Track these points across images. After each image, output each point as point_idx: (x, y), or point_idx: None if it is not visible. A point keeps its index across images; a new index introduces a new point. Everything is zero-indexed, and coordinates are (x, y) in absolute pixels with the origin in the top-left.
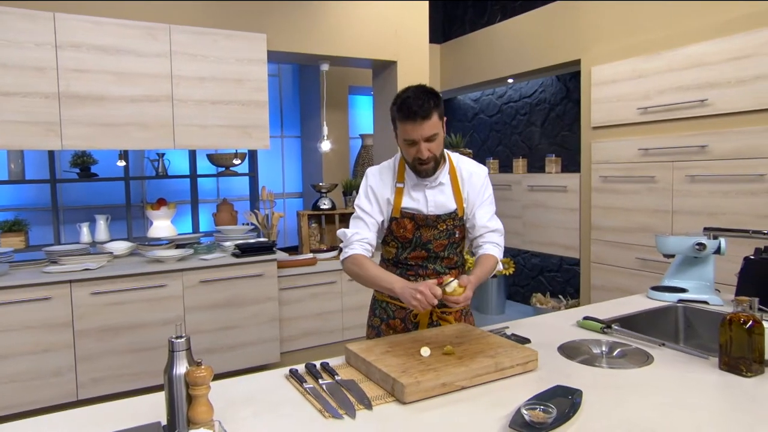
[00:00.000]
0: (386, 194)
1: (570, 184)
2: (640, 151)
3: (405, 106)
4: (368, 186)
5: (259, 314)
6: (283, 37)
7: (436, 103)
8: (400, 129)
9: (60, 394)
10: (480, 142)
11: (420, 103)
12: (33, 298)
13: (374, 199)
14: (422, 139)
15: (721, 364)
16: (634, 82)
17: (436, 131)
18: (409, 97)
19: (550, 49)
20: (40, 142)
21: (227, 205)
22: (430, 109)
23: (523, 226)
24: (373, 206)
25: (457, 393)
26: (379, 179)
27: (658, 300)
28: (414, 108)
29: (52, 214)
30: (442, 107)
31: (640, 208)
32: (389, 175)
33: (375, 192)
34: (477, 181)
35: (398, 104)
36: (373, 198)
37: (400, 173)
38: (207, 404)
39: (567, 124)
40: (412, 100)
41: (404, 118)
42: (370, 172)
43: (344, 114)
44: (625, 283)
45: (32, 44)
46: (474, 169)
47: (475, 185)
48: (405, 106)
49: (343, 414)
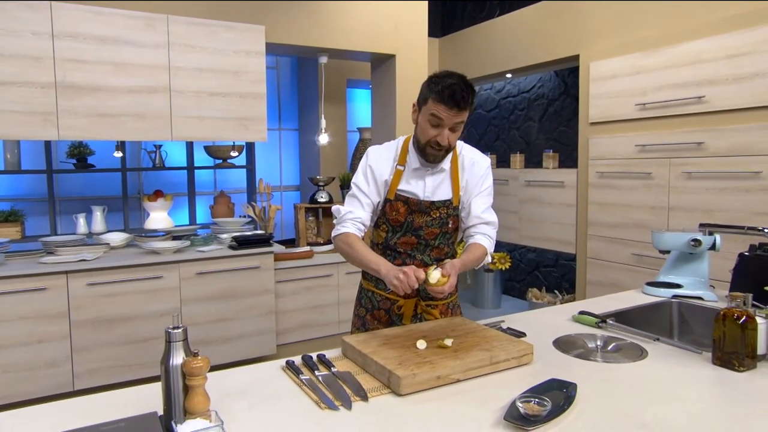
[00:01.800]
0: (384, 176)
1: (567, 180)
2: (637, 147)
3: (449, 91)
4: (368, 165)
5: (255, 306)
6: (282, 30)
7: (473, 98)
8: (431, 109)
9: (56, 384)
10: (478, 137)
11: (464, 95)
12: (28, 288)
13: (372, 179)
14: (450, 125)
15: (715, 358)
16: (632, 78)
17: (464, 120)
18: (455, 83)
19: (549, 44)
20: (36, 132)
21: (224, 197)
22: (469, 102)
23: (519, 221)
24: (370, 186)
25: (452, 386)
26: (379, 160)
27: (653, 295)
28: (458, 96)
29: (49, 205)
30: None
31: (636, 204)
32: (390, 156)
33: (374, 172)
34: (478, 171)
35: (440, 87)
36: (371, 178)
37: (402, 155)
38: (204, 394)
39: (565, 119)
40: (457, 87)
41: (443, 101)
42: (371, 150)
43: (342, 107)
44: (621, 279)
45: (29, 33)
46: (477, 158)
47: (475, 174)
48: (450, 90)
49: (339, 405)
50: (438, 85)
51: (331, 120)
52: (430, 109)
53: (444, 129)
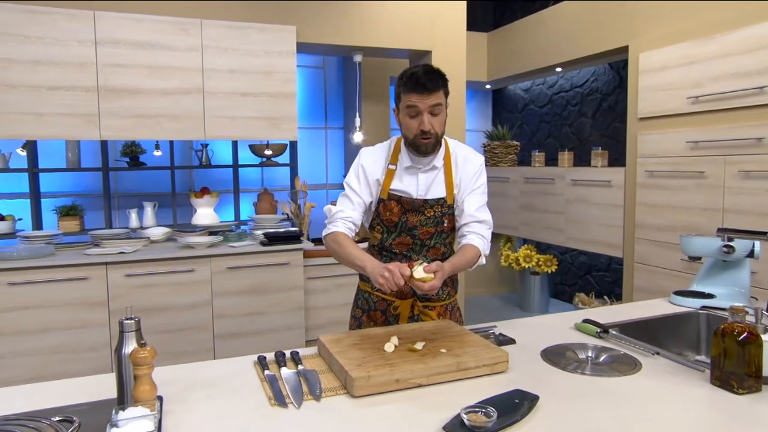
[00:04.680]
0: (377, 175)
1: (614, 179)
2: (688, 144)
3: (414, 78)
4: (360, 165)
5: (284, 302)
6: (313, 29)
7: (443, 81)
8: (405, 101)
9: (97, 367)
10: (529, 134)
11: (429, 77)
12: (72, 277)
13: (364, 178)
14: (427, 110)
15: (713, 378)
16: (684, 69)
17: (440, 102)
18: (418, 70)
19: (598, 35)
20: (80, 132)
21: (267, 194)
22: (437, 83)
23: (565, 222)
24: (361, 186)
25: (413, 390)
26: (371, 159)
27: (680, 305)
28: (423, 79)
29: (104, 200)
30: (447, 88)
31: (687, 206)
32: (383, 156)
33: (366, 171)
34: (471, 168)
35: (406, 77)
36: (362, 177)
37: (394, 155)
38: (149, 384)
39: (619, 115)
40: (421, 72)
41: (411, 90)
42: (363, 151)
43: (385, 105)
44: (670, 286)
45: (75, 42)
46: (469, 156)
47: (468, 171)
48: (414, 78)
49: (290, 403)
50: (403, 78)
51: (373, 118)
52: (404, 102)
53: (423, 115)
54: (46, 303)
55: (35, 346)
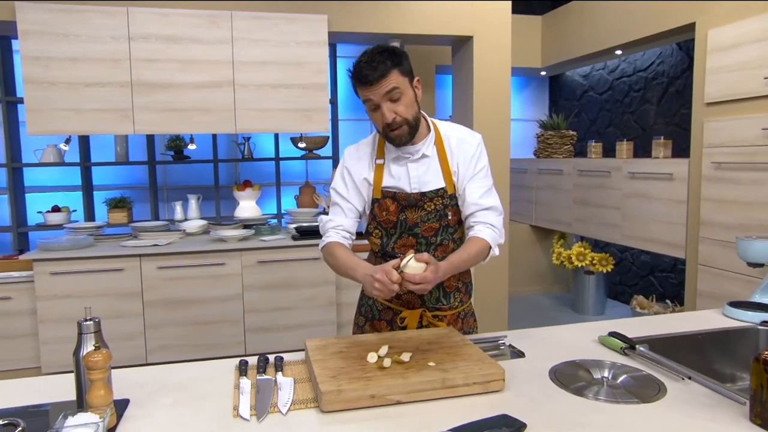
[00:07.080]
0: (363, 173)
1: (677, 172)
2: (764, 131)
3: (356, 71)
4: (344, 168)
5: (315, 297)
6: (346, 18)
7: (395, 62)
8: (360, 96)
9: (131, 356)
10: (588, 123)
11: (373, 66)
12: (108, 268)
13: (350, 181)
14: (383, 100)
15: (753, 415)
16: (760, 46)
17: (396, 86)
18: (361, 60)
19: (661, 12)
20: (115, 127)
21: (309, 187)
22: (385, 69)
23: (622, 219)
24: (349, 190)
25: (390, 408)
26: (355, 157)
27: (736, 318)
28: (365, 72)
29: (150, 193)
30: (405, 65)
31: (761, 202)
32: (367, 152)
33: (351, 173)
34: (468, 150)
35: (352, 73)
36: (349, 180)
37: (379, 148)
38: (104, 388)
39: (688, 100)
40: (363, 64)
41: (358, 83)
42: (347, 151)
43: (430, 95)
44: (738, 292)
45: (109, 38)
46: (464, 136)
47: (465, 155)
48: (356, 71)
49: (252, 416)
50: (351, 73)
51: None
52: (361, 98)
53: (381, 105)
54: (84, 292)
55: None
